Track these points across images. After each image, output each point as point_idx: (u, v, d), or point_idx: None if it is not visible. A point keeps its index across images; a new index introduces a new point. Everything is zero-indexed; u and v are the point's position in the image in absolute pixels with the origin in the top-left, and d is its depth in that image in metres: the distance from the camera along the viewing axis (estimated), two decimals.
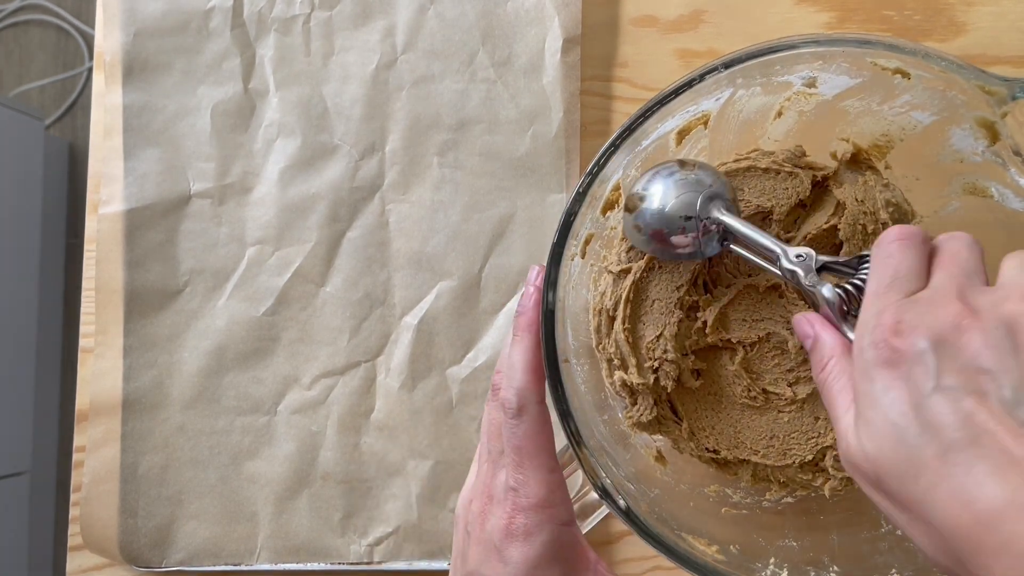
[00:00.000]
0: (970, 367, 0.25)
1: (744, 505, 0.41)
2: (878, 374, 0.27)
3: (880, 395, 0.27)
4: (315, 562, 0.53)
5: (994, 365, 0.25)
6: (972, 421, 0.24)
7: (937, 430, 0.25)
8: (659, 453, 0.42)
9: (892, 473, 0.26)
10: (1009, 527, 0.22)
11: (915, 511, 0.25)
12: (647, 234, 0.38)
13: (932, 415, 0.25)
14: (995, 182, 0.36)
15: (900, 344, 0.27)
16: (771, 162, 0.40)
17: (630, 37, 0.55)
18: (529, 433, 0.35)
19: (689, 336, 0.41)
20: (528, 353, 0.36)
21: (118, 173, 0.55)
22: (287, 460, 0.53)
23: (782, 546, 0.37)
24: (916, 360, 0.26)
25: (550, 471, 0.35)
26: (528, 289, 0.37)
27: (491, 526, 0.35)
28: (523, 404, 0.35)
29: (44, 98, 1.52)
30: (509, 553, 0.34)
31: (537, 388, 0.36)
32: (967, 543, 0.24)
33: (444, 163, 0.54)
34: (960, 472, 0.24)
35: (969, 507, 0.23)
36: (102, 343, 0.54)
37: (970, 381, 0.25)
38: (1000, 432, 0.24)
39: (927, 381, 0.25)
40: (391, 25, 0.55)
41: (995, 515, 0.23)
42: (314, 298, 0.54)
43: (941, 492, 0.24)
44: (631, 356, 0.40)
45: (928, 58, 0.33)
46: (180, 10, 0.55)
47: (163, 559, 0.53)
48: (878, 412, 0.27)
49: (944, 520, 0.24)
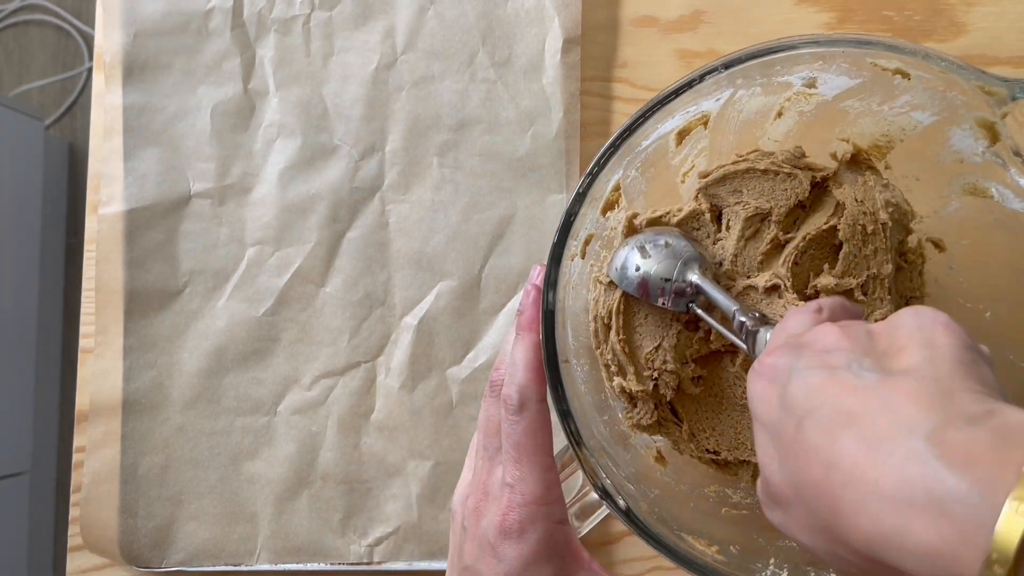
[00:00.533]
0: (823, 352, 0.27)
1: (744, 505, 0.41)
2: (754, 388, 0.29)
3: (757, 405, 0.28)
4: (315, 562, 0.53)
5: (845, 345, 0.26)
6: (818, 390, 0.25)
7: (791, 408, 0.26)
8: (659, 453, 0.42)
9: (778, 477, 0.26)
10: (860, 473, 0.22)
11: (793, 500, 0.26)
12: (632, 290, 0.40)
13: (789, 398, 0.26)
14: (995, 182, 0.36)
15: (771, 359, 0.29)
16: (770, 163, 0.40)
17: (630, 37, 0.55)
18: (528, 431, 0.35)
19: (690, 346, 0.42)
20: (530, 351, 0.36)
21: (118, 173, 0.55)
22: (287, 460, 0.53)
23: (782, 546, 0.37)
24: (780, 364, 0.28)
25: (547, 469, 0.35)
26: (528, 288, 0.37)
27: (486, 522, 0.35)
28: (524, 401, 0.35)
29: (44, 98, 1.52)
30: (504, 550, 0.35)
31: (538, 386, 0.36)
32: (831, 506, 0.24)
33: (444, 163, 0.54)
34: (810, 436, 0.24)
35: (825, 467, 0.24)
36: (102, 343, 0.54)
37: (821, 360, 0.26)
38: (841, 393, 0.24)
39: (786, 374, 0.27)
40: (391, 25, 0.55)
41: (847, 468, 0.23)
42: (314, 298, 0.54)
43: (800, 462, 0.25)
44: (629, 365, 0.41)
45: (928, 58, 0.33)
46: (180, 10, 0.55)
47: (163, 559, 0.53)
48: (757, 423, 0.28)
49: (809, 492, 0.25)
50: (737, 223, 0.42)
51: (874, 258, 0.40)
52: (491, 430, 0.37)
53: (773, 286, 0.41)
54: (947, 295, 0.41)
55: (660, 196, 0.43)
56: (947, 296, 0.41)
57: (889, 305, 0.40)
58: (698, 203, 0.42)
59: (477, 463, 0.38)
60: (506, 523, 0.35)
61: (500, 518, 0.35)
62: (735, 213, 0.42)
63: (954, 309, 0.41)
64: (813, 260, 0.42)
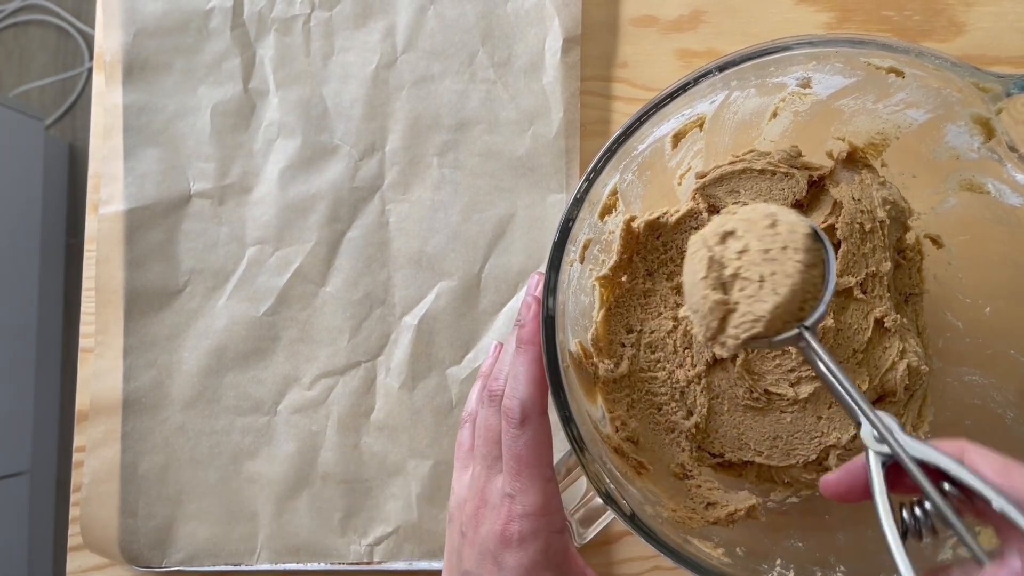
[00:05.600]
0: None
1: None
2: None
3: None
4: (315, 562, 0.53)
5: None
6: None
7: None
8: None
9: None
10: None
11: None
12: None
13: None
14: (991, 178, 0.36)
15: None
16: (767, 163, 0.41)
17: (630, 37, 0.55)
18: (530, 443, 0.36)
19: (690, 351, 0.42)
20: (532, 365, 0.36)
21: (118, 173, 0.55)
22: (287, 460, 0.53)
23: (788, 547, 0.38)
24: None
25: (547, 481, 0.36)
26: (528, 300, 0.37)
27: (486, 531, 0.37)
28: (526, 415, 0.36)
29: (44, 98, 1.52)
30: (504, 559, 0.36)
31: (540, 400, 0.36)
32: None
33: (444, 163, 0.54)
34: None
35: None
36: (102, 343, 0.54)
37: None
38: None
39: None
40: (391, 25, 0.55)
41: None
42: (314, 298, 0.54)
43: None
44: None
45: (922, 56, 0.33)
46: (180, 10, 0.55)
47: (163, 559, 0.53)
48: None
49: None
50: None
51: (873, 256, 0.40)
52: (491, 439, 0.38)
53: None
54: (946, 291, 0.42)
55: (657, 199, 0.43)
56: (946, 292, 0.42)
57: (888, 302, 0.40)
58: (695, 203, 0.42)
59: (475, 469, 0.39)
60: (507, 533, 0.36)
61: (501, 528, 0.36)
62: None
63: (954, 305, 0.41)
64: None
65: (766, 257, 0.32)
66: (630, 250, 0.42)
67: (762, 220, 0.32)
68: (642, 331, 0.42)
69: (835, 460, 0.41)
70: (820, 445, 0.41)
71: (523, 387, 0.36)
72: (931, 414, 0.42)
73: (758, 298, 0.31)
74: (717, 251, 0.33)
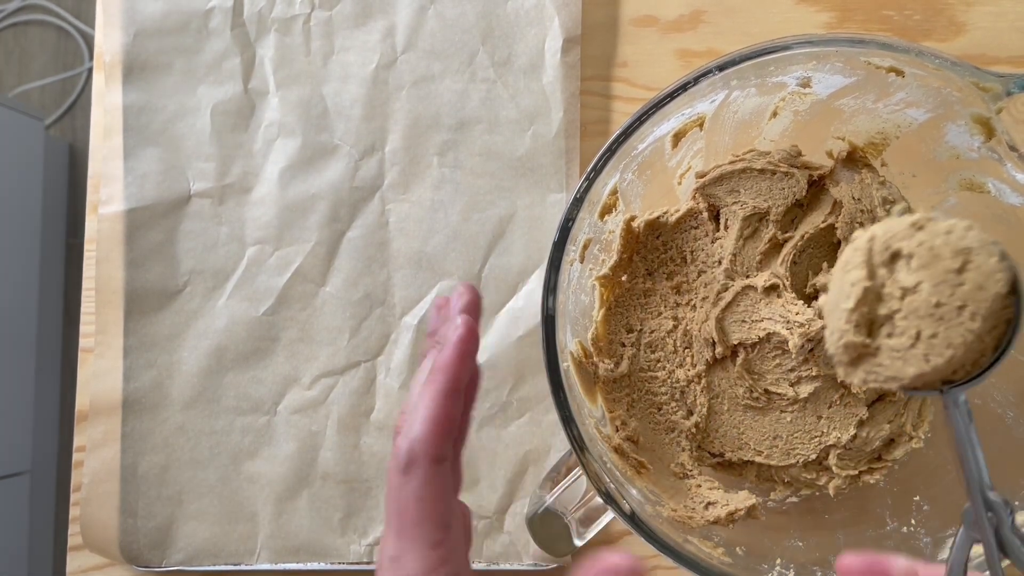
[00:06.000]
0: None
1: None
2: None
3: None
4: (315, 562, 0.53)
5: None
6: None
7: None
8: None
9: None
10: None
11: None
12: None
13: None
14: (991, 177, 0.36)
15: None
16: (767, 162, 0.41)
17: (630, 37, 0.55)
18: (415, 496, 0.29)
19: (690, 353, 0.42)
20: (436, 398, 0.30)
21: (118, 173, 0.55)
22: (287, 460, 0.53)
23: (788, 546, 0.38)
24: None
25: (432, 546, 0.29)
26: (455, 320, 0.31)
27: None
28: (413, 459, 0.29)
29: (44, 98, 1.52)
30: None
31: (435, 443, 0.30)
32: None
33: (444, 163, 0.54)
34: None
35: None
36: (102, 343, 0.54)
37: None
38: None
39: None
40: (391, 25, 0.55)
41: None
42: (314, 298, 0.54)
43: None
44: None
45: (922, 56, 0.33)
46: (180, 10, 0.55)
47: (163, 559, 0.53)
48: None
49: None
50: (735, 223, 0.42)
51: None
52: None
53: (772, 286, 0.41)
54: None
55: (657, 198, 0.43)
56: None
57: None
58: (696, 202, 0.43)
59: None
60: None
61: None
62: (733, 213, 0.42)
63: None
64: (812, 259, 0.42)
65: (934, 313, 0.26)
66: (630, 249, 0.42)
67: (950, 259, 0.26)
68: (642, 331, 0.42)
69: (835, 460, 0.41)
70: (820, 445, 0.41)
71: (417, 425, 0.30)
72: (931, 414, 0.42)
73: (904, 358, 0.26)
74: (879, 276, 0.27)
